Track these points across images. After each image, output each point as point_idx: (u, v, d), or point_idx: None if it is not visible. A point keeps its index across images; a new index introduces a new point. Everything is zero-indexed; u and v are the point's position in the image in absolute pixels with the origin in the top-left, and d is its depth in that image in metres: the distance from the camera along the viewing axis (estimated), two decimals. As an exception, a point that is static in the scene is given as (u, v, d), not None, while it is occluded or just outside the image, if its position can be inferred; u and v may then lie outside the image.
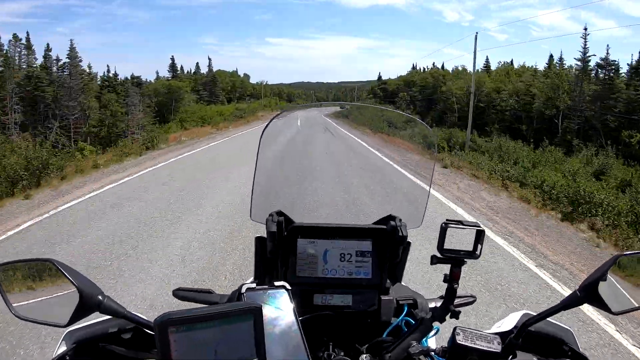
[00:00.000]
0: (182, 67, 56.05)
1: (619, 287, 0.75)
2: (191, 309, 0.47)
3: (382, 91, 61.07)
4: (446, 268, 0.77)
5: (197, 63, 74.55)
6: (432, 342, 0.86)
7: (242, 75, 69.20)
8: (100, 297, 0.62)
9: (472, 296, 0.92)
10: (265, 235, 0.82)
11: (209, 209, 6.13)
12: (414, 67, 62.12)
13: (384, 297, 0.82)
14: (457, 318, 0.79)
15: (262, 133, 0.92)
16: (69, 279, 0.62)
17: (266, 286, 0.66)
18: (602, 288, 0.68)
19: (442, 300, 0.90)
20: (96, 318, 0.72)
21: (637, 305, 0.74)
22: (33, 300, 0.68)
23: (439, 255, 0.74)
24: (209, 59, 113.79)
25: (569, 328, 0.79)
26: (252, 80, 73.89)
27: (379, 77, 73.94)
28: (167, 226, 5.33)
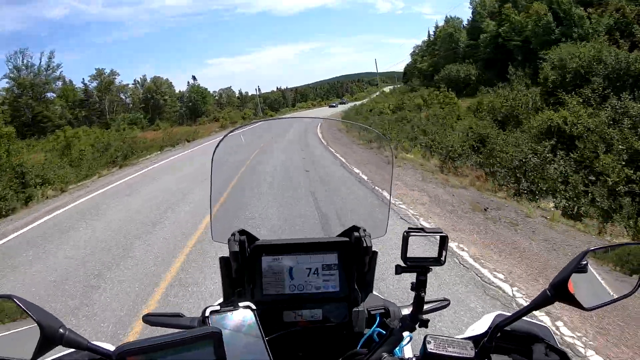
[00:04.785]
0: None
1: (590, 282, 0.74)
2: (149, 338, 0.47)
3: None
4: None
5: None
6: (407, 350, 0.85)
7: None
8: (61, 330, 0.61)
9: (445, 299, 0.90)
10: (228, 255, 0.82)
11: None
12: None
13: (354, 309, 0.82)
14: (426, 327, 0.77)
15: (214, 153, 0.92)
16: (29, 314, 0.61)
17: (231, 307, 0.66)
18: (573, 283, 0.67)
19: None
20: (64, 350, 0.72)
21: (608, 300, 0.72)
22: None
23: (403, 264, 0.72)
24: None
25: (545, 325, 0.78)
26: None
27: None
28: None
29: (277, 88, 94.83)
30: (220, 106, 61.98)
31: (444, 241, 0.72)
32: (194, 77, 73.39)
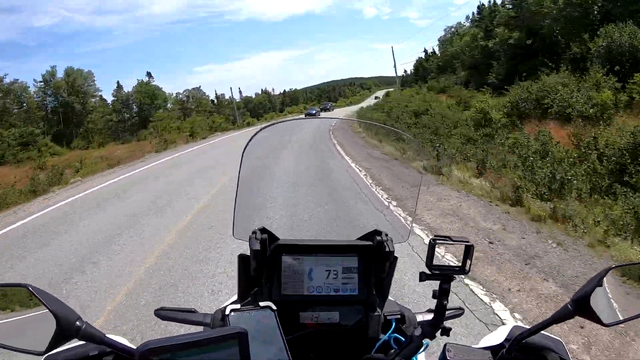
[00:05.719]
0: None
1: (611, 298, 0.74)
2: (173, 337, 0.46)
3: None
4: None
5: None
6: (421, 358, 0.85)
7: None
8: (78, 323, 0.60)
9: (459, 308, 0.90)
10: (248, 253, 0.80)
11: None
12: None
13: (371, 313, 0.81)
14: (447, 335, 0.77)
15: (244, 149, 0.91)
16: (45, 305, 0.60)
17: (252, 307, 0.65)
18: (594, 299, 0.67)
19: (430, 314, 0.89)
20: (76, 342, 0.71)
21: (628, 317, 0.73)
22: (9, 327, 0.66)
23: (427, 271, 0.72)
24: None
25: (558, 338, 0.78)
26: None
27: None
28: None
29: (262, 90, 78.91)
30: (186, 112, 46.60)
31: (468, 250, 0.71)
32: (149, 74, 50.82)
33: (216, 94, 60.32)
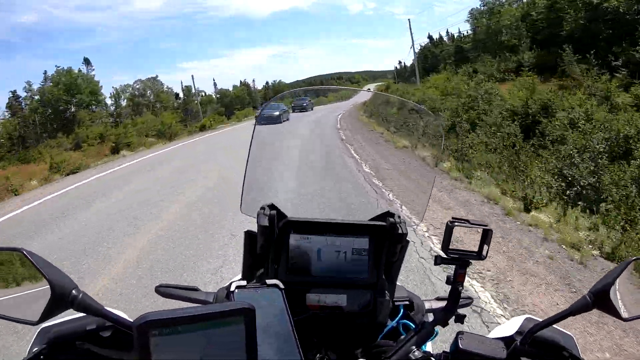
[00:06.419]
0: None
1: (630, 291, 0.72)
2: (175, 309, 0.41)
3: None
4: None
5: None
6: (429, 346, 0.82)
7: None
8: (74, 292, 0.57)
9: (468, 298, 0.88)
10: (255, 230, 0.77)
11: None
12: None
13: (380, 298, 0.78)
14: (462, 322, 0.74)
15: (256, 122, 0.88)
16: (41, 272, 0.57)
17: (258, 284, 0.63)
18: (612, 292, 0.65)
19: (438, 302, 0.86)
20: (73, 314, 0.67)
21: None
22: (2, 294, 0.63)
23: (443, 255, 0.69)
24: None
25: (569, 333, 0.76)
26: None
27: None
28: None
29: (240, 82, 62.24)
30: (136, 109, 36.45)
31: (486, 235, 0.68)
32: (86, 61, 34.80)
33: (182, 85, 45.89)
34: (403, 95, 19.70)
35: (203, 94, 48.07)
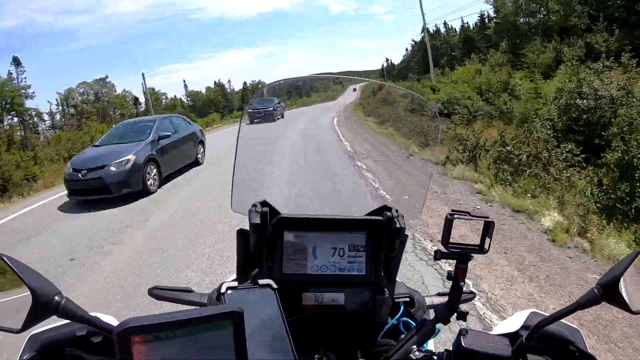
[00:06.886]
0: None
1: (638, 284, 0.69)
2: (159, 315, 0.39)
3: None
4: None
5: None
6: (430, 344, 0.80)
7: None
8: (57, 298, 0.55)
9: (471, 292, 0.85)
10: (247, 228, 0.74)
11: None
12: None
13: (379, 296, 0.76)
14: (464, 320, 0.71)
15: (241, 117, 0.85)
16: (21, 278, 0.54)
17: (250, 285, 0.61)
18: (622, 284, 0.61)
19: (440, 297, 0.84)
20: (60, 321, 0.66)
21: None
22: None
23: (443, 249, 0.66)
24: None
25: (576, 327, 0.73)
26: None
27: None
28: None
29: (215, 83, 53.86)
30: (80, 117, 30.33)
31: (488, 227, 0.66)
32: (15, 61, 31.31)
33: (144, 88, 35.78)
34: (421, 93, 15.04)
35: (164, 97, 42.41)
